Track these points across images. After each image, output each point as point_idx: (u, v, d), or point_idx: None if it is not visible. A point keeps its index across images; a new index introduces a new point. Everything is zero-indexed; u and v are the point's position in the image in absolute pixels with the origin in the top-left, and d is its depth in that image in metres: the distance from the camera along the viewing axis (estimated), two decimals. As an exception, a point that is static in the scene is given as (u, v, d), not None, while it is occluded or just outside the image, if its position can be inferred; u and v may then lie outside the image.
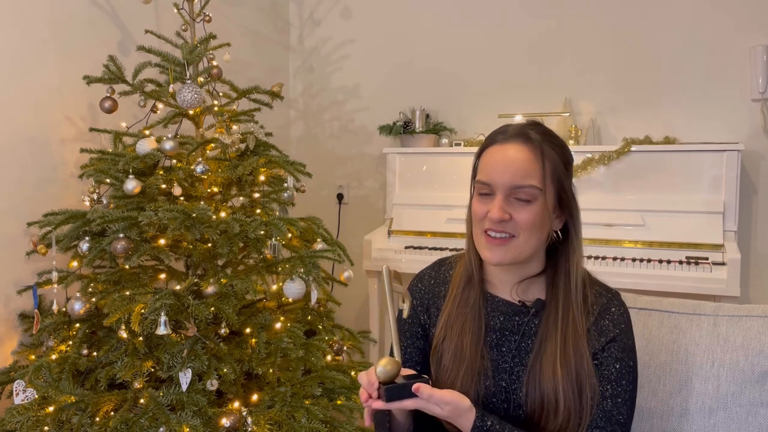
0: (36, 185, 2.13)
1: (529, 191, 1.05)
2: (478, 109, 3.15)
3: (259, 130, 2.08)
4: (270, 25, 3.42)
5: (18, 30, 2.07)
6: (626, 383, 1.08)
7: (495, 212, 1.05)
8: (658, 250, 2.52)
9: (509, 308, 1.14)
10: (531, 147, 1.06)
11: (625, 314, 1.12)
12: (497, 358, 1.12)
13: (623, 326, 1.11)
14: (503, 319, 1.13)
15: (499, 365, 1.11)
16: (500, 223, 1.06)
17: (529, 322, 1.12)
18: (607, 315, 1.11)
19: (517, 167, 1.05)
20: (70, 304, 1.79)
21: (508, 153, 1.07)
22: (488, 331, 1.13)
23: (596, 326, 1.10)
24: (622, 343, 1.09)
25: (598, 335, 1.09)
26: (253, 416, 1.72)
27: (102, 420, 1.66)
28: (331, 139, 3.52)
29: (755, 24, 2.68)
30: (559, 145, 1.11)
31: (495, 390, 1.09)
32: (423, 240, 2.89)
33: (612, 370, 1.07)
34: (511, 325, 1.13)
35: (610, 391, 1.07)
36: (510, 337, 1.12)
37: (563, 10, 2.99)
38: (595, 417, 1.06)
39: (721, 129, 2.75)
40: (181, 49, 1.97)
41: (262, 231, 1.81)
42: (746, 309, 1.31)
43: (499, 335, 1.13)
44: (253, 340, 1.85)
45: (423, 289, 1.24)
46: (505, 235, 1.07)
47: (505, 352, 1.12)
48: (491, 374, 1.10)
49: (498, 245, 1.07)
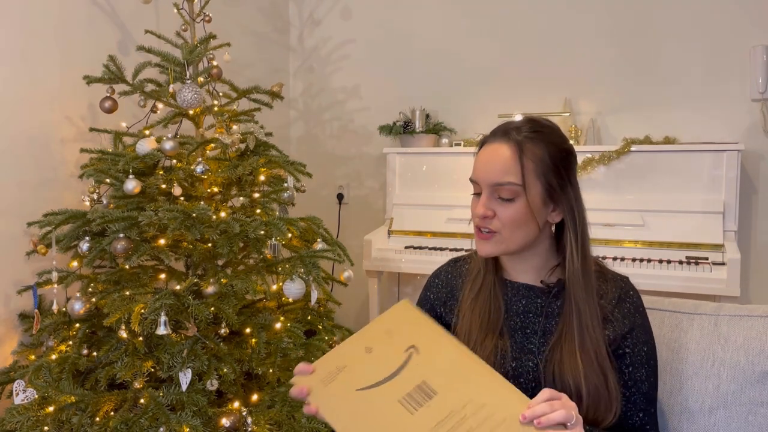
0: (36, 185, 2.13)
1: (510, 188, 1.09)
2: (478, 109, 3.15)
3: (259, 130, 2.08)
4: (270, 25, 3.42)
5: (18, 30, 2.07)
6: (653, 362, 1.14)
7: (479, 209, 1.11)
8: (658, 250, 2.52)
9: (530, 291, 1.18)
10: (510, 145, 1.10)
11: (640, 298, 1.18)
12: (522, 339, 1.15)
13: (641, 309, 1.16)
14: (526, 302, 1.17)
15: (524, 347, 1.14)
16: (484, 220, 1.11)
17: (552, 304, 1.15)
18: (627, 299, 1.15)
19: (496, 166, 1.10)
20: (70, 304, 1.79)
21: (490, 152, 1.12)
22: (511, 315, 1.17)
23: (619, 311, 1.14)
24: (644, 327, 1.15)
25: (621, 319, 1.13)
26: (253, 416, 1.72)
27: (102, 420, 1.66)
28: (331, 139, 3.52)
29: (755, 24, 2.68)
30: (549, 142, 1.12)
31: (522, 371, 1.12)
32: (423, 240, 2.89)
33: (642, 353, 1.12)
34: (534, 307, 1.16)
35: (645, 374, 1.12)
36: (534, 319, 1.16)
37: (563, 10, 2.99)
38: (637, 401, 1.10)
39: (721, 129, 2.75)
40: (181, 49, 1.97)
41: (262, 231, 1.81)
42: (747, 309, 1.31)
43: (522, 318, 1.16)
44: (253, 340, 1.85)
45: (440, 284, 1.29)
46: (489, 230, 1.12)
47: (530, 334, 1.15)
48: (517, 356, 1.13)
49: (485, 240, 1.13)
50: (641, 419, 1.11)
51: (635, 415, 1.11)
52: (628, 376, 1.11)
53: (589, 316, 1.10)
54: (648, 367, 1.12)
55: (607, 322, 1.12)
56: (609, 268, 1.20)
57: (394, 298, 3.23)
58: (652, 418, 1.12)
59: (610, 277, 1.17)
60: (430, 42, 3.26)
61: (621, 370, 1.11)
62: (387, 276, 3.18)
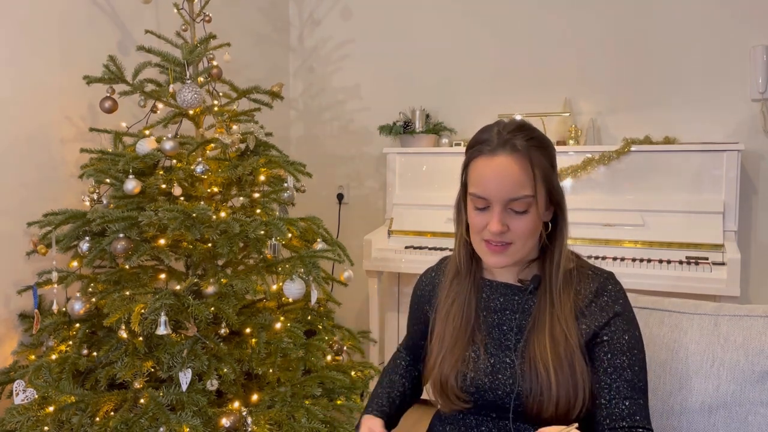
0: (36, 185, 2.13)
1: (524, 201, 1.09)
2: (478, 109, 3.15)
3: (259, 130, 2.08)
4: (270, 25, 3.42)
5: (18, 30, 2.07)
6: (637, 352, 1.13)
7: (494, 226, 1.10)
8: (658, 250, 2.52)
9: (508, 289, 1.19)
10: (520, 157, 1.09)
11: (622, 290, 1.18)
12: (499, 336, 1.16)
13: (621, 301, 1.16)
14: (503, 300, 1.18)
15: (501, 343, 1.16)
16: (499, 235, 1.11)
17: (528, 300, 1.17)
18: (604, 293, 1.16)
19: (511, 180, 1.09)
20: (70, 304, 1.79)
21: (499, 166, 1.10)
22: (489, 312, 1.18)
23: (595, 305, 1.14)
24: (624, 317, 1.14)
25: (599, 311, 1.13)
26: (253, 416, 1.72)
27: (102, 420, 1.66)
28: (331, 139, 3.53)
29: (755, 24, 2.68)
30: (544, 146, 1.13)
31: (500, 366, 1.13)
32: (423, 240, 2.89)
33: (622, 341, 1.12)
34: (511, 304, 1.18)
35: (627, 362, 1.11)
36: (510, 315, 1.17)
37: (563, 10, 2.99)
38: (620, 388, 1.10)
39: (721, 129, 2.75)
40: (181, 49, 1.97)
41: (262, 231, 1.81)
42: (747, 309, 1.31)
43: (500, 315, 1.18)
44: (253, 340, 1.85)
45: (425, 282, 1.32)
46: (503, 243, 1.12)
47: (506, 330, 1.16)
48: (494, 352, 1.14)
49: (498, 252, 1.12)
50: (627, 407, 1.09)
51: (620, 403, 1.09)
52: (607, 363, 1.10)
53: (560, 307, 1.12)
54: (630, 356, 1.11)
55: (582, 316, 1.13)
56: (591, 264, 1.21)
57: (394, 298, 3.23)
58: (640, 408, 1.10)
59: (590, 272, 1.18)
60: (429, 42, 3.26)
61: (600, 357, 1.11)
62: (387, 276, 3.18)
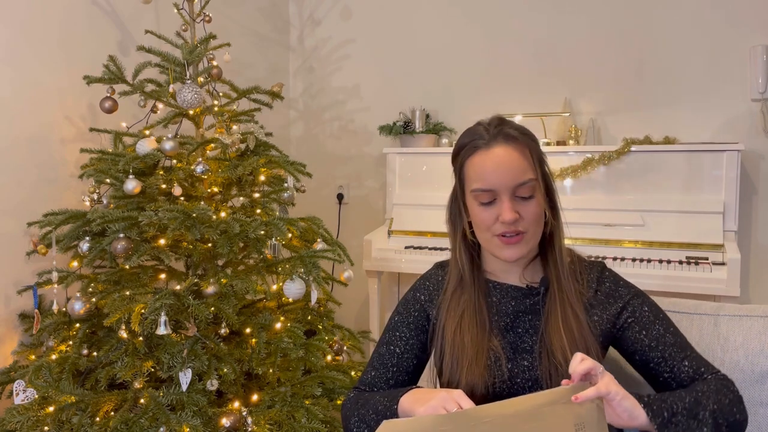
0: (36, 185, 2.13)
1: (529, 185, 1.11)
2: (478, 109, 3.12)
3: (259, 130, 2.08)
4: (270, 25, 3.42)
5: (18, 30, 2.07)
6: (663, 315, 1.16)
7: (507, 215, 1.09)
8: (658, 250, 2.51)
9: (518, 292, 1.19)
10: (516, 143, 1.12)
11: (616, 274, 1.21)
12: (515, 340, 1.16)
13: (622, 282, 1.20)
14: (515, 303, 1.18)
15: (518, 346, 1.15)
16: (513, 224, 1.10)
17: (540, 301, 1.17)
18: (605, 280, 1.19)
19: (514, 166, 1.10)
20: (70, 304, 1.79)
21: (499, 156, 1.11)
22: (501, 316, 1.17)
23: (600, 293, 1.17)
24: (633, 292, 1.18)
25: (605, 299, 1.16)
26: (253, 416, 1.72)
27: (102, 420, 1.67)
28: (331, 139, 3.52)
29: (755, 24, 2.68)
30: (530, 134, 1.17)
31: (518, 370, 1.13)
32: (423, 240, 2.89)
33: (647, 314, 1.15)
34: (523, 306, 1.17)
35: (661, 328, 1.14)
36: (524, 317, 1.17)
37: (563, 10, 2.99)
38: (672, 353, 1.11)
39: (721, 129, 2.75)
40: (181, 49, 1.97)
41: (262, 231, 1.81)
42: (747, 309, 1.31)
43: (513, 318, 1.17)
44: (253, 340, 1.85)
45: (430, 286, 1.26)
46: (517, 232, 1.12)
47: (521, 333, 1.16)
48: (511, 357, 1.14)
49: (513, 244, 1.12)
50: (689, 366, 1.11)
51: (681, 366, 1.10)
52: (648, 339, 1.12)
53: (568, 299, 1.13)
54: (661, 321, 1.14)
55: (591, 307, 1.15)
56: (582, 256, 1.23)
57: (394, 298, 3.23)
58: (698, 359, 1.12)
59: (586, 264, 1.21)
60: (429, 42, 3.26)
61: (636, 338, 1.13)
62: (387, 276, 3.18)
